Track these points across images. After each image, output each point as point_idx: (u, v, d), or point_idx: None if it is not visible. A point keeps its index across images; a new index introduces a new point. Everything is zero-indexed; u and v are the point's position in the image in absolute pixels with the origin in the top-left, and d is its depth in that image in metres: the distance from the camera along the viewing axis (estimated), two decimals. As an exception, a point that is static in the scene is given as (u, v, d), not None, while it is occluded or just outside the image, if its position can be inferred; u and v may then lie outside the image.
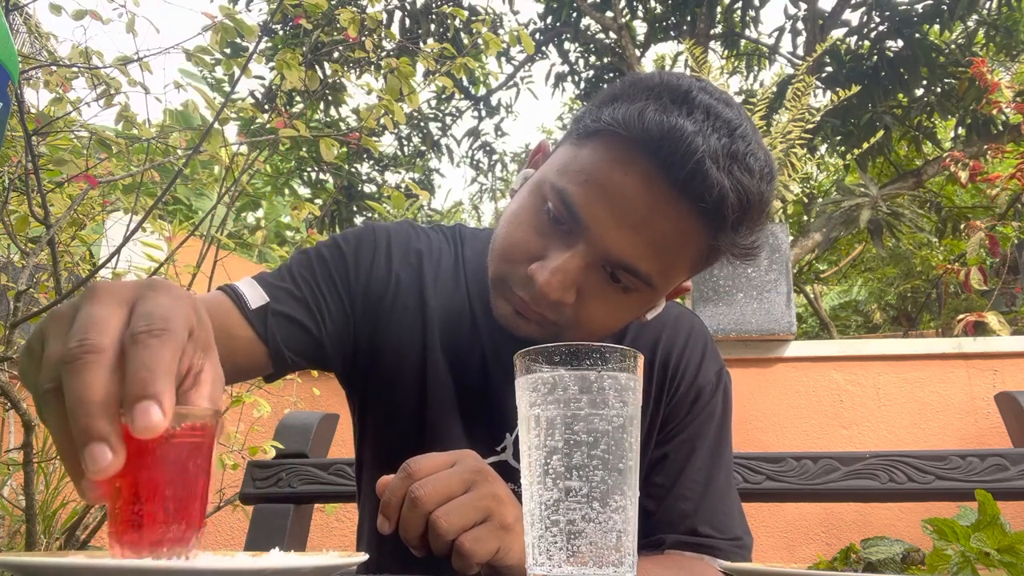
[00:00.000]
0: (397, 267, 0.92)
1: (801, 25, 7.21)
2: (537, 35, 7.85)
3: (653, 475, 0.91)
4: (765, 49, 8.05)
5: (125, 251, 1.82)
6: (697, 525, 0.87)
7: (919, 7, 6.57)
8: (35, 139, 1.66)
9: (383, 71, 2.19)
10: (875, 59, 6.76)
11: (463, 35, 6.93)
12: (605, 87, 0.81)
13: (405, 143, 8.61)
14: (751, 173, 0.72)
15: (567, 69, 8.26)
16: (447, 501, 0.63)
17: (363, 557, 0.55)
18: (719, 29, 7.70)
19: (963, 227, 5.34)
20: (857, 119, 6.53)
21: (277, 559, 0.52)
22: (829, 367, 3.00)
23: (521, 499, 0.59)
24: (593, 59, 8.28)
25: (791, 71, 6.89)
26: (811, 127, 3.45)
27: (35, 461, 1.76)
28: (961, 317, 3.65)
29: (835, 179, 8.52)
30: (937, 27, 6.82)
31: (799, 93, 3.51)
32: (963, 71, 6.19)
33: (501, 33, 6.11)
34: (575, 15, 7.66)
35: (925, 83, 6.78)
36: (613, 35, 7.45)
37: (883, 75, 6.63)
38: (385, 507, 0.65)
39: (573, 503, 0.52)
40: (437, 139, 8.59)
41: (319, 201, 7.82)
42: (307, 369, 0.92)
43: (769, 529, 2.85)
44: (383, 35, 2.68)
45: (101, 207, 2.35)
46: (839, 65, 6.91)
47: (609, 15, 7.21)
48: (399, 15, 7.42)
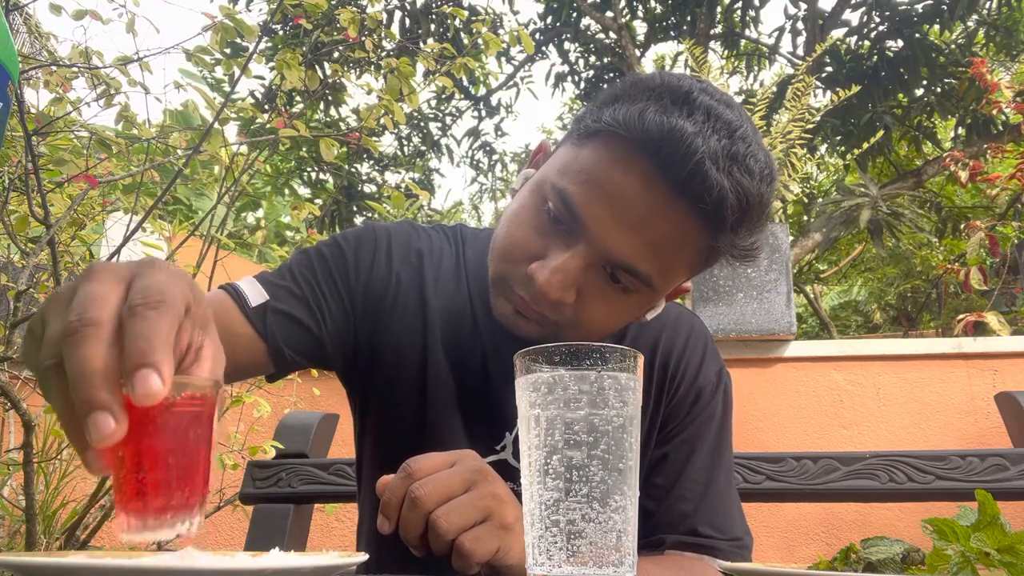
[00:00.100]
0: (397, 266, 0.92)
1: (801, 25, 7.21)
2: (537, 35, 7.85)
3: (653, 475, 0.91)
4: (765, 49, 8.05)
5: (125, 251, 1.82)
6: (697, 525, 0.87)
7: (919, 7, 6.57)
8: (35, 139, 1.65)
9: (383, 71, 2.19)
10: (875, 59, 6.76)
11: (463, 35, 6.93)
12: (606, 87, 0.81)
13: (405, 143, 8.61)
14: (751, 174, 0.72)
15: (567, 69, 8.26)
16: (447, 501, 0.63)
17: (363, 557, 0.55)
18: (719, 29, 7.69)
19: (963, 227, 5.34)
20: (857, 119, 6.53)
21: (277, 559, 0.52)
22: (829, 367, 3.00)
23: (521, 498, 0.59)
24: (593, 59, 8.28)
25: (791, 71, 6.89)
26: (811, 127, 3.45)
27: (35, 461, 1.76)
28: (961, 317, 3.65)
29: (835, 179, 8.52)
30: (937, 27, 6.82)
31: (799, 93, 3.51)
32: (963, 71, 6.19)
33: (501, 33, 6.11)
34: (575, 15, 7.66)
35: (925, 83, 6.78)
36: (613, 35, 7.45)
37: (883, 75, 6.63)
38: (385, 507, 0.65)
39: (573, 503, 0.52)
40: (437, 139, 8.59)
41: (319, 201, 7.82)
42: (308, 368, 0.92)
43: (769, 529, 2.85)
44: (383, 35, 2.68)
45: (101, 207, 2.35)
46: (839, 65, 6.91)
47: (609, 15, 7.21)
48: (399, 15, 7.42)
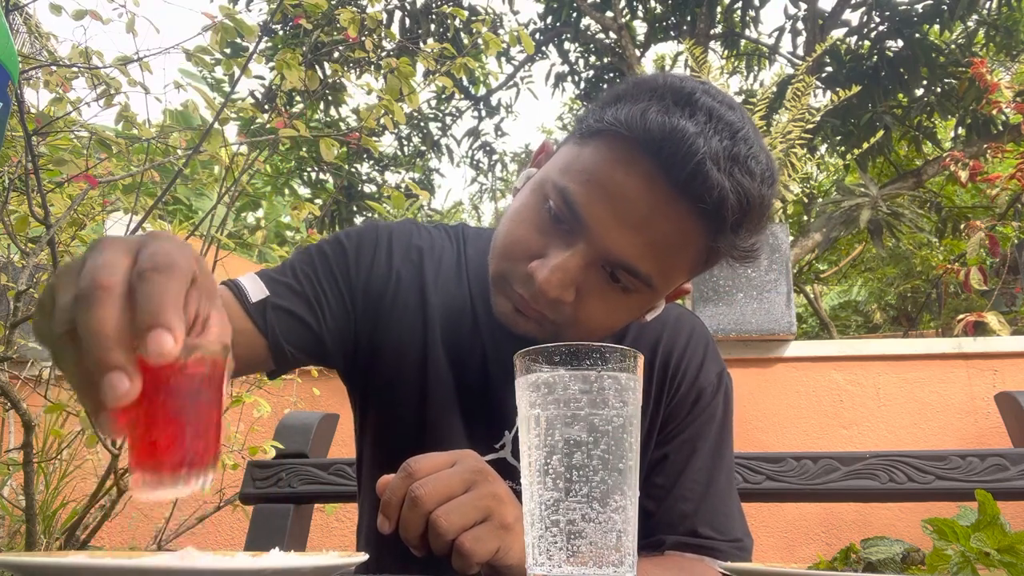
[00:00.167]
0: (398, 264, 0.92)
1: (801, 25, 7.21)
2: (537, 35, 7.85)
3: (653, 476, 0.91)
4: (765, 49, 8.05)
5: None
6: (697, 526, 0.87)
7: (919, 7, 6.57)
8: (35, 139, 1.65)
9: (383, 71, 2.18)
10: (875, 59, 6.76)
11: (463, 35, 6.93)
12: (608, 88, 0.81)
13: (405, 143, 8.60)
14: (752, 176, 0.72)
15: (567, 69, 8.26)
16: (447, 501, 0.63)
17: (363, 557, 0.55)
18: (719, 29, 7.69)
19: (963, 227, 5.33)
20: (857, 119, 6.52)
21: (277, 559, 0.52)
22: (829, 367, 3.00)
23: (520, 497, 0.59)
24: (593, 59, 8.28)
25: (791, 71, 6.88)
26: (811, 127, 3.45)
27: (35, 461, 1.76)
28: (961, 317, 3.64)
29: (835, 179, 8.52)
30: (937, 27, 6.82)
31: (799, 93, 3.51)
32: (963, 71, 6.18)
33: (501, 33, 6.11)
34: (575, 15, 7.65)
35: (925, 83, 6.78)
36: (613, 35, 7.45)
37: (883, 75, 6.63)
38: (385, 507, 0.65)
39: (573, 503, 0.52)
40: (437, 139, 8.58)
41: (319, 201, 7.82)
42: (308, 365, 0.92)
43: (769, 529, 2.85)
44: (383, 35, 2.68)
45: (101, 207, 2.35)
46: (839, 65, 6.91)
47: (609, 15, 7.21)
48: (399, 15, 7.42)
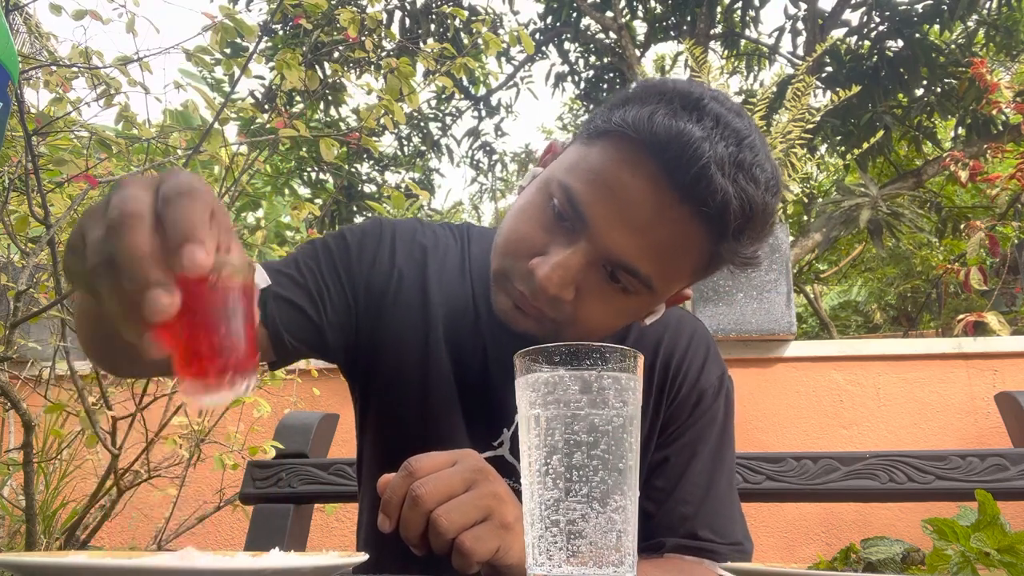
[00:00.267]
0: (401, 261, 0.92)
1: (801, 25, 7.20)
2: (537, 35, 7.84)
3: (654, 478, 0.91)
4: (765, 49, 8.05)
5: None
6: (697, 529, 0.87)
7: (919, 7, 6.56)
8: (35, 139, 1.65)
9: (383, 71, 2.18)
10: (875, 59, 6.76)
11: (463, 35, 6.92)
12: (617, 90, 0.82)
13: (405, 143, 8.60)
14: (756, 183, 0.72)
15: (567, 69, 8.26)
16: (448, 500, 0.63)
17: (363, 557, 0.55)
18: (719, 29, 7.69)
19: (963, 227, 5.33)
20: (857, 119, 6.52)
21: (277, 559, 0.52)
22: (829, 367, 3.00)
23: (519, 495, 0.59)
24: (593, 59, 8.28)
25: (791, 71, 6.88)
26: (811, 127, 3.44)
27: (35, 461, 1.76)
28: (961, 317, 3.64)
29: (835, 179, 8.51)
30: (937, 27, 6.82)
31: (799, 93, 3.50)
32: (963, 71, 6.18)
33: (501, 33, 6.11)
34: (575, 15, 7.65)
35: (925, 83, 6.78)
36: (613, 35, 7.45)
37: (883, 75, 6.62)
38: (386, 505, 0.65)
39: (573, 503, 0.52)
40: (437, 139, 8.58)
41: (319, 201, 7.81)
42: (308, 357, 0.93)
43: (769, 529, 2.85)
44: (383, 35, 2.68)
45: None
46: (839, 65, 6.91)
47: (609, 15, 7.20)
48: (399, 15, 7.42)
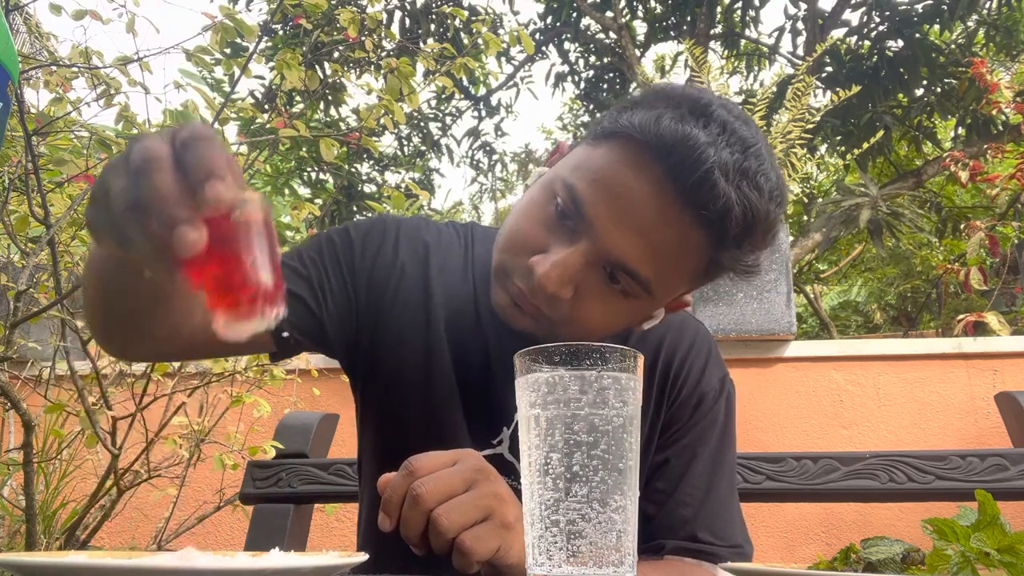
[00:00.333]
0: (403, 257, 0.93)
1: (801, 25, 7.20)
2: (537, 35, 7.84)
3: (654, 480, 0.90)
4: (765, 49, 8.05)
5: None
6: (697, 531, 0.87)
7: (919, 7, 6.56)
8: (35, 139, 1.65)
9: (383, 71, 2.18)
10: (875, 59, 6.76)
11: (463, 35, 6.92)
12: (629, 94, 0.83)
13: (405, 143, 8.60)
14: (760, 191, 0.72)
15: (567, 69, 8.26)
16: (448, 499, 0.63)
17: (363, 557, 0.55)
18: (719, 29, 7.69)
19: (963, 227, 5.33)
20: (857, 119, 6.52)
21: (277, 559, 0.52)
22: (829, 367, 2.99)
23: (518, 493, 0.59)
24: (593, 59, 8.28)
25: (791, 71, 6.88)
26: (811, 127, 3.44)
27: (35, 461, 1.76)
28: (961, 317, 3.64)
29: (835, 179, 8.51)
30: (937, 27, 6.82)
31: (799, 93, 3.50)
32: (963, 71, 6.18)
33: (501, 33, 6.11)
34: (575, 15, 7.65)
35: (925, 83, 6.77)
36: (613, 35, 7.45)
37: (883, 75, 6.62)
38: (386, 504, 0.65)
39: (573, 503, 0.52)
40: (437, 139, 8.58)
41: (319, 201, 7.81)
42: (308, 349, 0.93)
43: (769, 529, 2.85)
44: (383, 35, 2.68)
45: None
46: (839, 65, 6.91)
47: (609, 15, 7.20)
48: (399, 15, 7.42)
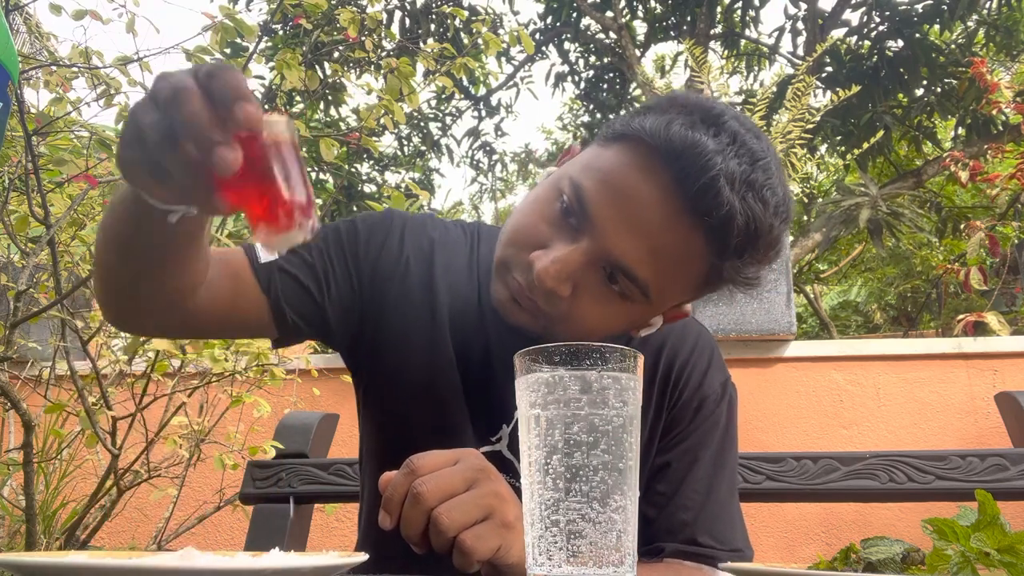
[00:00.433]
0: (409, 250, 0.93)
1: (801, 25, 7.20)
2: (537, 35, 7.85)
3: (655, 483, 0.90)
4: (765, 49, 8.05)
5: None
6: (697, 535, 0.87)
7: (919, 7, 6.56)
8: (35, 139, 1.65)
9: (383, 71, 2.18)
10: (875, 59, 6.76)
11: (463, 35, 6.92)
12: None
13: (405, 143, 8.60)
14: (765, 204, 0.72)
15: (567, 69, 8.26)
16: (449, 498, 0.63)
17: (363, 557, 0.55)
18: (719, 29, 7.69)
19: (963, 227, 5.33)
20: (857, 119, 6.52)
21: (277, 559, 0.52)
22: (829, 367, 2.99)
23: (518, 491, 0.58)
24: (593, 59, 8.28)
25: (791, 71, 6.88)
26: (811, 127, 3.44)
27: (35, 461, 1.76)
28: (961, 317, 3.64)
29: (835, 179, 8.51)
30: (937, 27, 6.82)
31: (799, 93, 3.50)
32: (963, 71, 6.18)
33: (501, 33, 6.10)
34: (575, 15, 7.65)
35: (925, 83, 6.78)
36: (613, 35, 7.45)
37: (883, 75, 6.62)
38: (387, 503, 0.65)
39: (573, 503, 0.52)
40: (437, 139, 8.58)
41: (319, 201, 7.81)
42: (310, 337, 0.93)
43: (769, 529, 2.85)
44: (383, 35, 2.68)
45: (101, 207, 2.35)
46: (839, 65, 6.91)
47: (609, 15, 7.20)
48: (399, 15, 7.42)
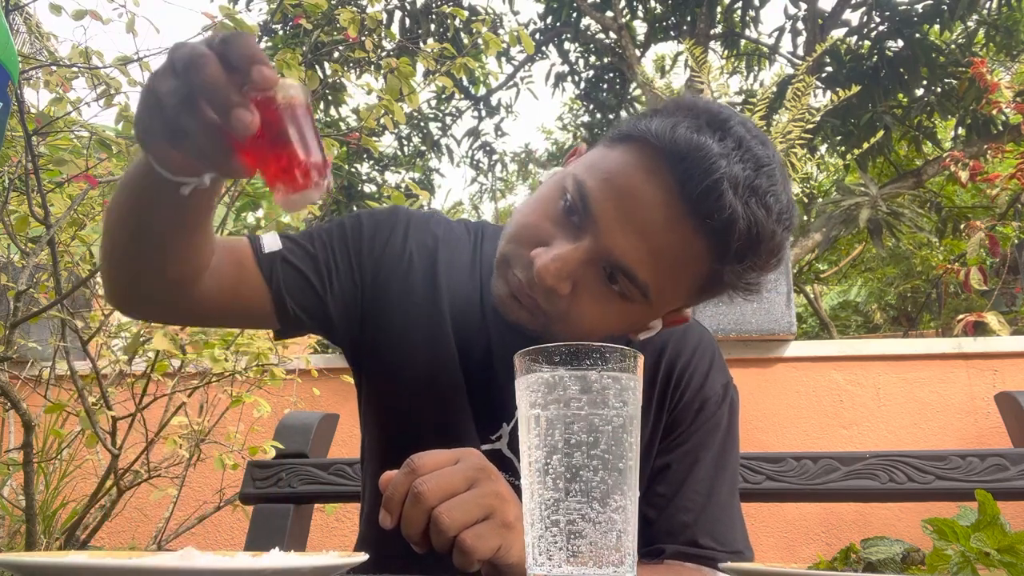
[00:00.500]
0: (412, 246, 0.93)
1: (801, 25, 7.20)
2: (537, 35, 7.84)
3: (655, 484, 0.90)
4: (765, 49, 8.04)
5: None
6: (697, 536, 0.87)
7: (919, 7, 6.56)
8: (35, 139, 1.65)
9: (383, 71, 2.18)
10: (875, 59, 6.75)
11: (463, 35, 6.92)
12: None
13: (405, 143, 8.60)
14: (768, 210, 0.72)
15: (567, 69, 8.25)
16: (450, 497, 0.63)
17: (363, 557, 0.55)
18: (719, 29, 7.68)
19: (963, 227, 5.33)
20: (857, 119, 6.51)
21: (277, 559, 0.52)
22: (829, 367, 2.99)
23: (518, 491, 0.59)
24: (593, 59, 8.27)
25: (791, 71, 6.87)
26: (811, 127, 3.44)
27: (35, 461, 1.77)
28: (961, 317, 3.64)
29: (835, 179, 8.50)
30: (937, 27, 6.81)
31: (799, 93, 3.50)
32: (963, 71, 6.17)
33: (501, 33, 6.10)
34: (575, 15, 7.65)
35: (925, 83, 6.77)
36: (613, 35, 7.44)
37: (883, 75, 6.62)
38: (388, 502, 0.65)
39: (573, 503, 0.52)
40: (437, 139, 8.58)
41: (319, 201, 7.81)
42: (312, 331, 0.94)
43: (769, 529, 2.85)
44: (383, 35, 2.68)
45: (101, 207, 2.35)
46: (839, 65, 6.90)
47: (609, 15, 7.20)
48: (399, 15, 7.41)
